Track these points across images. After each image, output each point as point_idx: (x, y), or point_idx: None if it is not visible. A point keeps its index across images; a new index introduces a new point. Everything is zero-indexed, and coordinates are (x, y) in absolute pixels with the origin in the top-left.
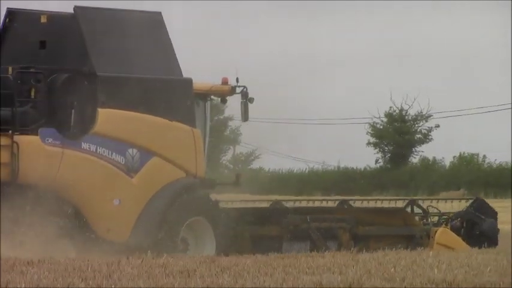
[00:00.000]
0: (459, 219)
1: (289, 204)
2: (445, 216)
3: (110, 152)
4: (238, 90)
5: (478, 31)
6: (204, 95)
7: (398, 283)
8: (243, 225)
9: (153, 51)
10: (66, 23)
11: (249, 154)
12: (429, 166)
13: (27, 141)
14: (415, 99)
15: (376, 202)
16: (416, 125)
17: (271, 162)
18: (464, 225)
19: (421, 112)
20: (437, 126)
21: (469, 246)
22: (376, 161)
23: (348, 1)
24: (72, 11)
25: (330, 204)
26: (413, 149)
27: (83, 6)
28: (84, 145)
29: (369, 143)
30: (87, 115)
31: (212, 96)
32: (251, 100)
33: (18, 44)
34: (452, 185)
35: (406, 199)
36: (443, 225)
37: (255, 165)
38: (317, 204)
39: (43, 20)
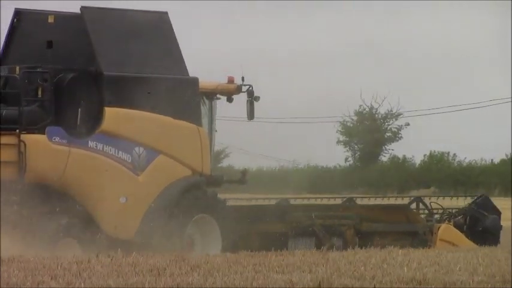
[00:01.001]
0: (462, 215)
1: (295, 202)
2: (449, 210)
3: (116, 151)
4: (244, 89)
5: (449, 30)
6: (210, 94)
7: (368, 282)
8: (248, 222)
9: (159, 51)
10: (73, 23)
11: (219, 152)
12: (399, 164)
13: (34, 140)
14: (385, 98)
15: (383, 199)
16: (386, 124)
17: (241, 160)
18: (468, 221)
19: (391, 110)
20: (407, 124)
21: (472, 243)
22: (346, 160)
23: (319, 0)
24: (79, 11)
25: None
26: (384, 148)
27: (90, 7)
28: (91, 144)
29: (339, 142)
30: (94, 114)
31: (218, 95)
32: (257, 99)
33: (25, 43)
34: (422, 183)
35: (411, 197)
36: (447, 222)
37: (225, 163)
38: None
39: (50, 20)
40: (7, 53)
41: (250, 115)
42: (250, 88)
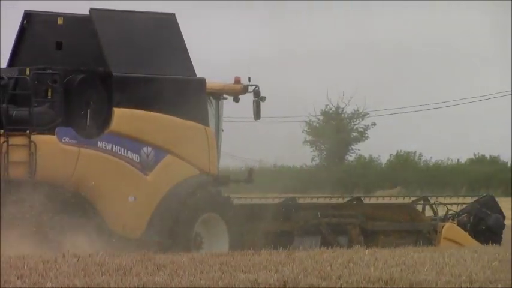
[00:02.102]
0: (466, 214)
1: (301, 201)
2: (453, 212)
3: (125, 150)
4: (250, 89)
5: (416, 30)
6: (217, 94)
7: (334, 281)
8: (255, 221)
9: (167, 52)
10: (82, 25)
11: None
12: (365, 164)
13: (45, 141)
14: (351, 98)
15: (390, 198)
16: (352, 123)
17: None
18: (471, 220)
19: (357, 110)
20: (374, 124)
21: (475, 241)
22: (312, 159)
23: (287, 0)
24: (88, 13)
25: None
26: (350, 147)
27: (99, 8)
28: (100, 144)
29: (305, 141)
30: (103, 114)
31: (225, 95)
32: (263, 99)
33: (35, 45)
34: (389, 183)
35: (418, 196)
36: (451, 221)
37: None
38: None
39: (59, 21)
40: (17, 55)
41: (257, 115)
42: (257, 88)
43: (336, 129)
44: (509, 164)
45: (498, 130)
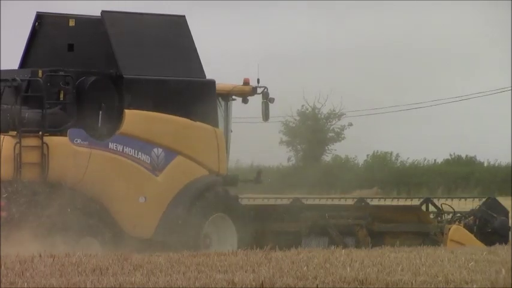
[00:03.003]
0: (472, 217)
1: (307, 202)
2: (459, 214)
3: (135, 152)
4: (259, 90)
5: (395, 31)
6: (226, 96)
7: (311, 281)
8: (263, 221)
9: (177, 54)
10: (94, 27)
11: None
12: (342, 164)
13: (57, 142)
14: (327, 98)
15: (392, 200)
16: (329, 124)
17: None
18: (477, 222)
19: (334, 110)
20: (350, 124)
21: (481, 243)
22: (289, 160)
23: (263, 1)
24: (99, 15)
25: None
26: (326, 148)
27: (110, 11)
28: (111, 145)
29: (281, 142)
30: (114, 116)
31: (234, 96)
32: (272, 100)
33: (47, 47)
34: (365, 183)
35: (421, 197)
36: (457, 223)
37: None
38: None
39: (71, 23)
40: (28, 56)
41: (266, 116)
42: (265, 90)
43: (312, 130)
44: (485, 165)
45: (474, 130)
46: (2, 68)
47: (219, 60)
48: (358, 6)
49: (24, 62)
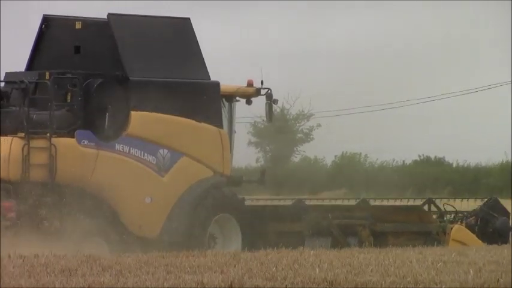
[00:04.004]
0: (473, 217)
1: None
2: (460, 214)
3: (141, 153)
4: (263, 92)
5: (363, 32)
6: (230, 97)
7: (280, 282)
8: (267, 222)
9: (182, 56)
10: (100, 29)
11: None
12: (311, 165)
13: (64, 143)
14: (296, 99)
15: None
16: (297, 125)
17: None
18: (479, 222)
19: (303, 111)
20: (319, 125)
21: (482, 243)
22: (257, 161)
23: (232, 1)
24: (106, 18)
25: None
26: (295, 148)
27: (116, 13)
28: (118, 146)
29: (250, 143)
30: (121, 118)
31: (237, 98)
32: (275, 101)
33: (53, 49)
34: (334, 184)
35: (423, 198)
36: (459, 223)
37: None
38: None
39: (78, 26)
40: (35, 58)
41: (269, 117)
42: (269, 91)
43: (281, 131)
44: (454, 165)
45: (443, 131)
46: (7, 71)
47: (219, 60)
48: (329, 6)
49: (30, 64)
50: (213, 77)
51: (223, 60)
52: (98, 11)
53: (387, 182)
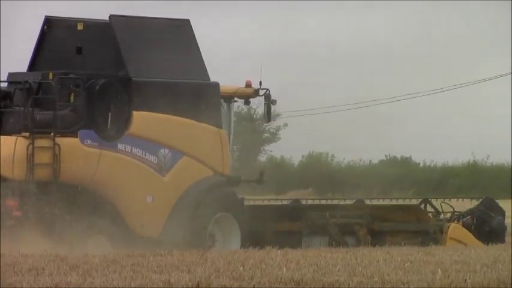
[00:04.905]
0: (470, 216)
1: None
2: (457, 213)
3: (143, 152)
4: (261, 92)
5: (338, 30)
6: (229, 97)
7: (247, 282)
8: (266, 221)
9: (183, 57)
10: (102, 31)
11: None
12: (277, 165)
13: (68, 143)
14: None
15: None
16: (264, 124)
17: None
18: (475, 221)
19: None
20: (285, 125)
21: (479, 242)
22: None
23: (232, 1)
24: (107, 19)
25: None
26: (262, 148)
27: (118, 15)
28: (120, 146)
29: None
30: (123, 118)
31: (236, 98)
32: (274, 102)
33: (55, 50)
34: (301, 184)
35: (419, 198)
36: (456, 221)
37: None
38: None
39: (79, 27)
40: (37, 59)
41: (268, 118)
42: (267, 92)
43: (247, 130)
44: (421, 165)
45: (409, 131)
46: (7, 71)
47: (218, 61)
48: (306, 4)
49: (32, 65)
50: (213, 78)
51: (224, 61)
52: (95, 12)
53: (353, 182)
